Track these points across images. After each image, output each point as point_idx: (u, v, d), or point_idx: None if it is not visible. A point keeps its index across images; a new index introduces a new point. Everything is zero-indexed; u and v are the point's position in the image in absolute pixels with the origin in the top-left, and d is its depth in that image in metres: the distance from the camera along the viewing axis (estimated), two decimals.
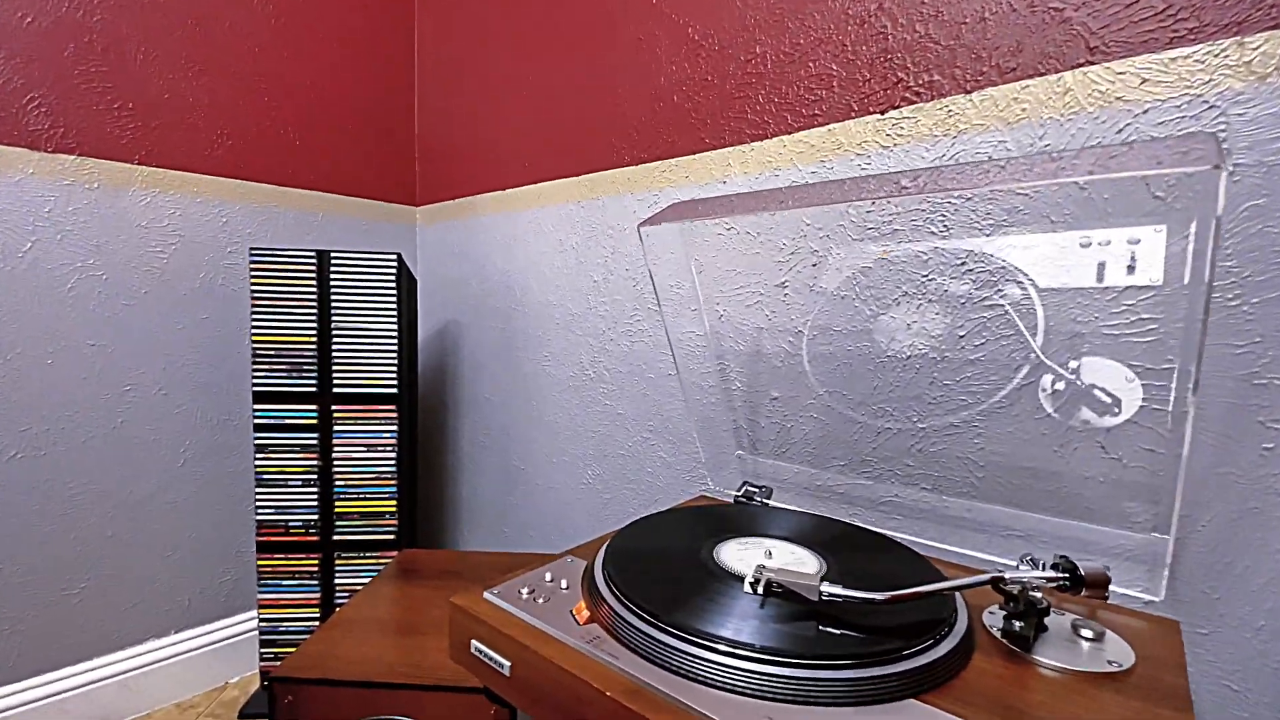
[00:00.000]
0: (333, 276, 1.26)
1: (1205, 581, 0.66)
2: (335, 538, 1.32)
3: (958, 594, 0.56)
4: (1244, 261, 0.63)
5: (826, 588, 0.50)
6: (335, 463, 1.31)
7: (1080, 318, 0.71)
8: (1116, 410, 0.71)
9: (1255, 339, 0.62)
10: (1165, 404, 0.66)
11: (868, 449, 0.89)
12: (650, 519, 0.73)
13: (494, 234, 1.48)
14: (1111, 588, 0.51)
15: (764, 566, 0.53)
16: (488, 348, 1.52)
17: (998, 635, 0.53)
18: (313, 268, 1.26)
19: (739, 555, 0.62)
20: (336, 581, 1.34)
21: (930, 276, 0.82)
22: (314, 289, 1.26)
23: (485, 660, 0.53)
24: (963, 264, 0.80)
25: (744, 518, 0.74)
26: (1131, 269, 0.69)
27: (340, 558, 1.33)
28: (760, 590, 0.51)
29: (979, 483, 0.79)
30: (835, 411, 0.91)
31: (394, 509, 1.32)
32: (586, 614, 0.52)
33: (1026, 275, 0.75)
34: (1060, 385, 0.75)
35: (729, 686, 0.43)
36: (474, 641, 0.54)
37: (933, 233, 0.81)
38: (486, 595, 0.57)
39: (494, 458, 1.51)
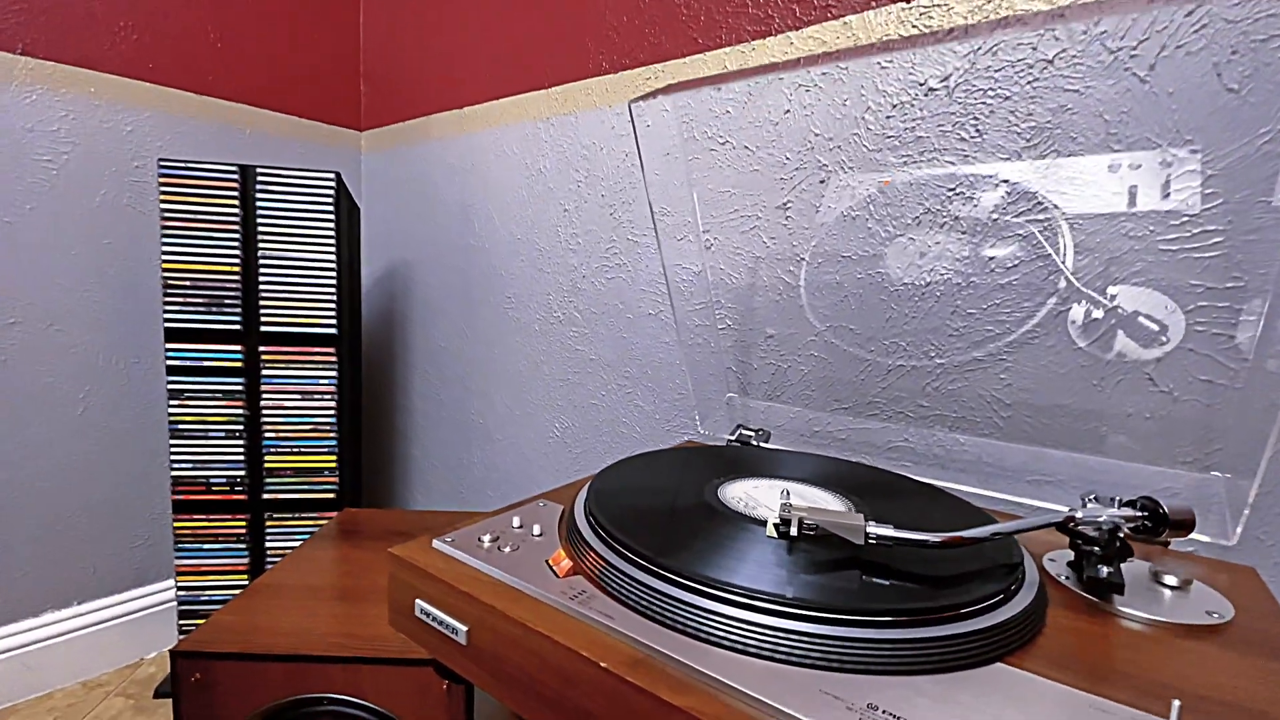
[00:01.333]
0: (259, 196, 1.09)
1: (1260, 527, 0.59)
2: (266, 496, 1.17)
3: (1015, 538, 0.47)
4: None
5: (875, 528, 0.39)
6: (265, 412, 1.15)
7: (1134, 231, 0.62)
8: (1164, 338, 0.62)
9: None
10: (1230, 327, 0.58)
11: (875, 389, 0.79)
12: (638, 458, 0.61)
13: (449, 160, 1.31)
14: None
15: (792, 505, 0.42)
16: (442, 289, 1.36)
17: (1068, 584, 0.44)
18: (235, 185, 1.08)
19: (748, 497, 0.51)
20: (268, 545, 1.19)
21: (955, 194, 0.71)
22: (236, 210, 1.08)
23: (434, 625, 0.41)
24: (992, 180, 0.70)
25: (746, 459, 0.63)
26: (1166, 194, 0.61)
27: (272, 518, 1.18)
28: (794, 531, 0.40)
29: (1003, 423, 0.71)
30: (838, 349, 0.81)
31: (334, 464, 1.17)
32: (568, 564, 0.41)
33: (1066, 195, 0.65)
34: (1098, 314, 0.66)
35: (767, 652, 0.32)
36: (419, 602, 0.42)
37: (962, 140, 0.71)
38: (436, 544, 0.45)
39: (449, 411, 1.37)
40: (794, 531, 0.40)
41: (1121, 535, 0.42)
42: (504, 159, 1.20)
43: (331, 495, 1.18)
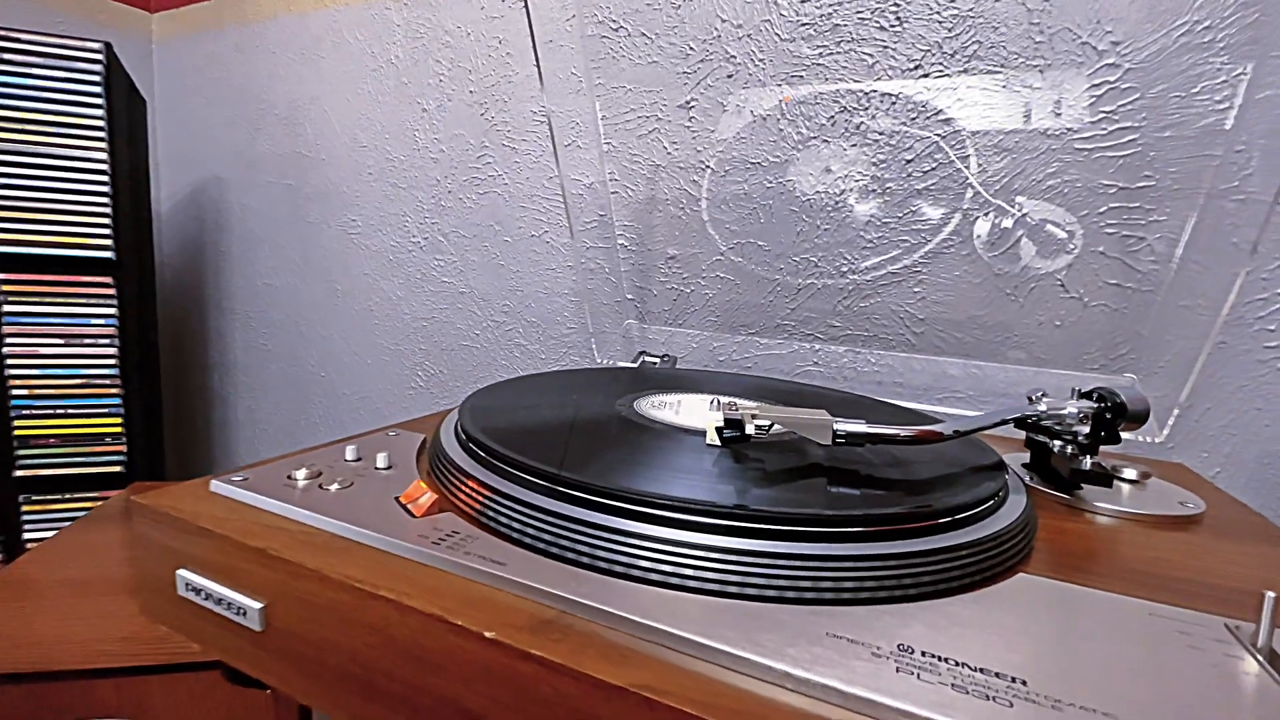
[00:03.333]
0: None
1: (1148, 429, 0.59)
2: (18, 473, 0.89)
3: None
4: (1236, 58, 0.53)
5: (844, 425, 0.30)
6: (10, 362, 0.86)
7: (1052, 129, 0.59)
8: (1072, 245, 0.61)
9: (1237, 148, 0.53)
10: (1140, 230, 0.56)
11: (784, 311, 0.72)
12: (524, 379, 0.49)
13: (272, 48, 1.06)
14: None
15: (738, 404, 0.32)
16: (267, 213, 1.11)
17: (1036, 484, 0.39)
18: None
19: (670, 409, 0.40)
20: (27, 536, 0.91)
21: (867, 103, 0.65)
22: None
23: (209, 606, 0.26)
24: (902, 90, 0.65)
25: (655, 376, 0.53)
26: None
27: (30, 501, 0.90)
28: (752, 430, 0.30)
29: (916, 339, 0.67)
30: (744, 270, 0.73)
31: (119, 429, 0.92)
32: (430, 498, 0.27)
33: (978, 103, 0.61)
34: (1007, 223, 0.63)
35: (737, 587, 0.22)
36: (183, 573, 0.27)
37: (881, 29, 0.64)
38: (217, 485, 0.30)
39: (281, 363, 1.13)
40: (751, 430, 0.30)
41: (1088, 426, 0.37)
42: (343, 47, 0.98)
43: (118, 469, 0.93)
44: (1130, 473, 0.40)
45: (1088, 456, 0.36)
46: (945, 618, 0.21)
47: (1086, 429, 0.38)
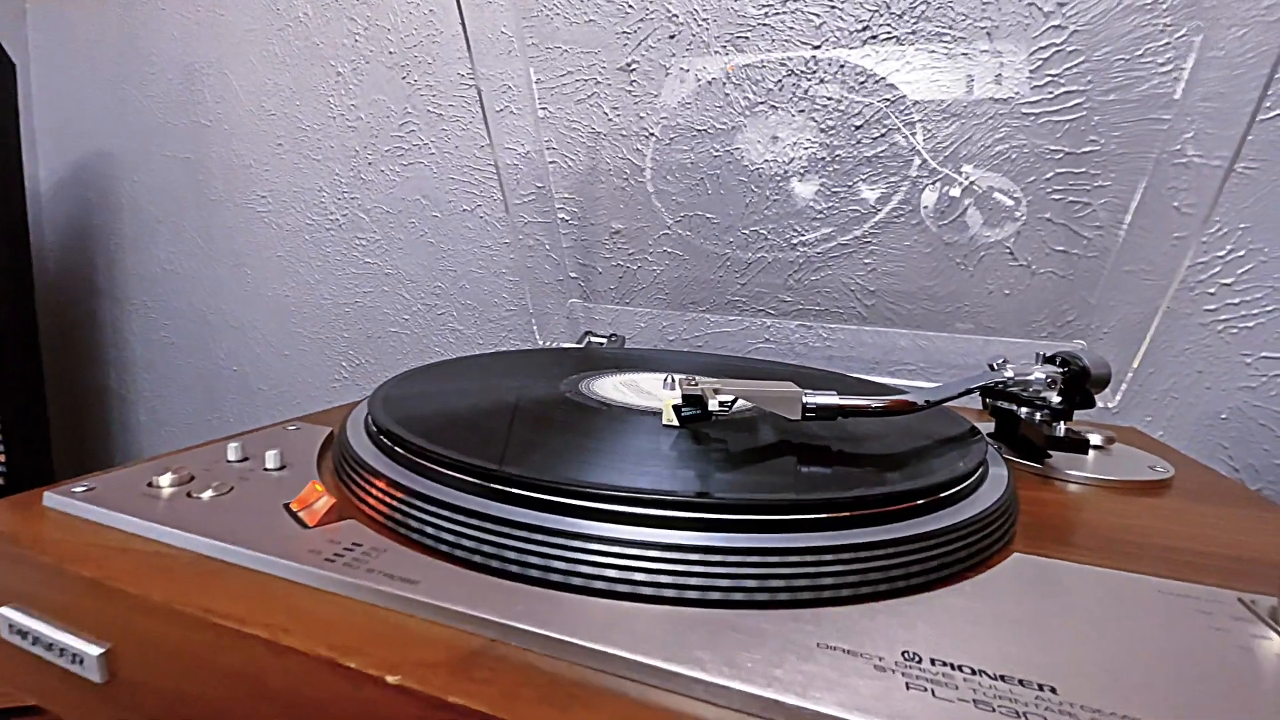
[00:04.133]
0: None
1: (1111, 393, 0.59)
2: None
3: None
4: (1180, 19, 0.53)
5: (814, 398, 0.27)
6: None
7: (999, 93, 0.57)
8: (1020, 213, 0.60)
9: (1186, 115, 0.53)
10: (1086, 195, 0.56)
11: (734, 287, 0.69)
12: (448, 363, 0.44)
13: (163, 5, 0.94)
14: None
15: (698, 380, 0.28)
16: (163, 191, 1.00)
17: (1005, 454, 0.37)
18: None
19: (621, 390, 0.36)
20: None
21: (813, 69, 0.62)
22: None
23: (35, 652, 0.20)
24: (865, 28, 0.62)
25: (603, 357, 0.49)
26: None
27: None
28: (714, 405, 0.26)
29: (867, 311, 0.65)
30: (693, 244, 0.70)
31: None
32: (326, 503, 0.22)
33: (925, 69, 0.59)
34: (955, 192, 0.62)
35: (713, 593, 0.18)
36: (6, 612, 0.21)
37: None
38: (51, 498, 0.24)
39: (187, 358, 1.03)
40: (714, 405, 0.26)
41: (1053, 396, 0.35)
42: (245, 3, 0.88)
43: None
44: (1096, 438, 0.39)
45: (1062, 422, 0.34)
46: (946, 612, 0.18)
47: (1054, 394, 0.36)
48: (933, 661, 0.16)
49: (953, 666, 0.16)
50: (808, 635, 0.17)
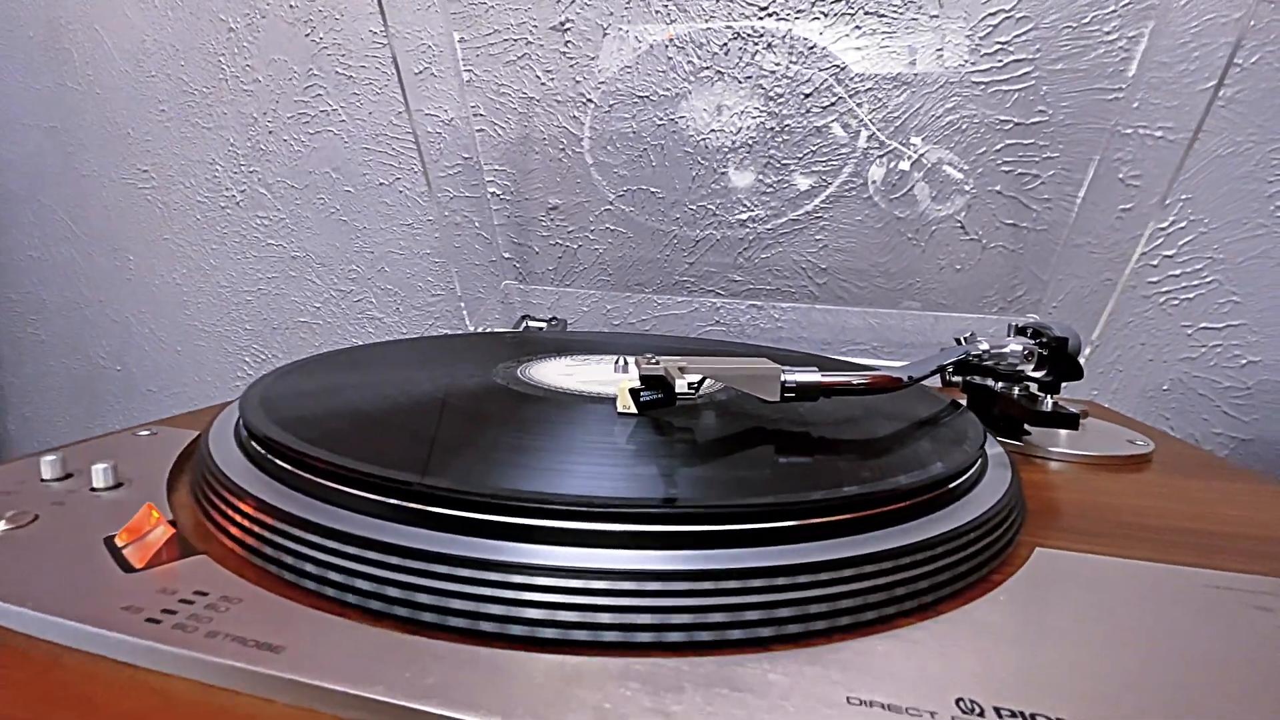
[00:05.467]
0: None
1: None
2: None
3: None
4: None
5: (794, 375, 0.23)
6: None
7: (949, 61, 0.56)
8: (970, 185, 0.59)
9: (1127, 81, 0.53)
10: (1035, 167, 0.55)
11: (682, 266, 0.65)
12: (349, 352, 0.37)
13: None
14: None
15: (658, 359, 0.23)
16: (25, 165, 0.86)
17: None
18: None
19: (565, 376, 0.31)
20: None
21: (759, 37, 0.59)
22: None
23: None
24: (793, 29, 0.59)
25: (542, 342, 0.43)
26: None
27: None
28: (684, 385, 0.22)
29: (818, 290, 0.62)
30: (636, 221, 0.65)
31: None
32: (163, 534, 0.16)
33: (873, 38, 0.57)
34: (905, 165, 0.60)
35: (678, 632, 0.13)
36: None
37: None
38: None
39: (61, 358, 0.89)
40: (684, 385, 0.22)
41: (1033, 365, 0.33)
42: None
43: None
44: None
45: (1049, 396, 0.31)
46: (990, 636, 0.15)
47: (1031, 367, 0.34)
48: (998, 713, 0.12)
49: (1023, 717, 0.12)
50: (832, 685, 0.12)
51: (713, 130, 0.62)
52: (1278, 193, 0.52)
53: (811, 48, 0.59)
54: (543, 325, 0.58)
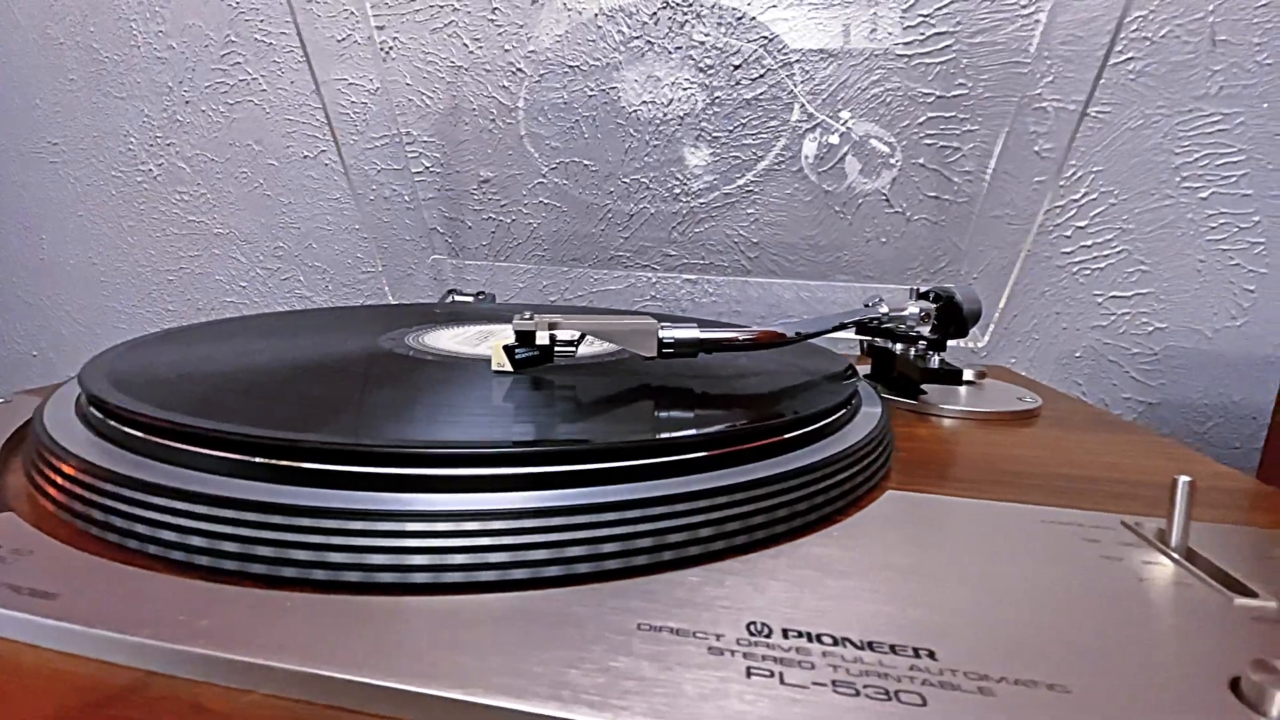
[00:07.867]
0: None
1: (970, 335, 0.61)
2: None
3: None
4: None
5: (671, 331, 0.23)
6: None
7: (875, 35, 0.56)
8: (895, 159, 0.59)
9: (1043, 57, 0.54)
10: (956, 140, 0.56)
11: (617, 241, 0.65)
12: (224, 323, 0.36)
13: None
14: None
15: (534, 315, 0.23)
16: None
17: (881, 394, 0.35)
18: None
19: (454, 343, 0.31)
20: None
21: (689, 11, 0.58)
22: None
23: None
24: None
25: (452, 313, 0.43)
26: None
27: None
28: (553, 338, 0.21)
29: (750, 264, 0.63)
30: (571, 195, 0.64)
31: None
32: None
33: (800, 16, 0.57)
34: (834, 139, 0.60)
35: (494, 572, 0.13)
36: None
37: None
38: None
39: None
40: (557, 338, 0.21)
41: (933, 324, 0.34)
42: None
43: None
44: (969, 374, 0.38)
45: (936, 354, 0.32)
46: (808, 564, 0.15)
47: (929, 329, 0.35)
48: (785, 633, 0.12)
49: (810, 637, 0.12)
50: (628, 615, 0.12)
51: (644, 102, 0.61)
52: (1184, 164, 0.54)
53: (740, 18, 0.59)
54: (470, 299, 0.57)
